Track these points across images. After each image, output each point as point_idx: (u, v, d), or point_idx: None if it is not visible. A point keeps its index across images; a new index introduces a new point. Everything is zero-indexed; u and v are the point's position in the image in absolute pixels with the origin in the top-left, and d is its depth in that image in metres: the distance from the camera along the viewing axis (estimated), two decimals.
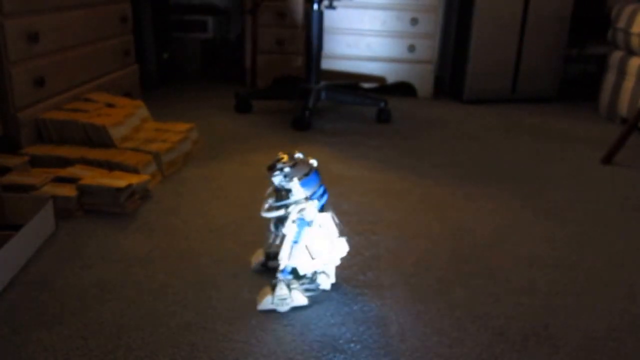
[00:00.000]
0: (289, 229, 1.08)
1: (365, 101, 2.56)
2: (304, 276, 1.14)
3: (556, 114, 2.70)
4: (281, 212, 1.09)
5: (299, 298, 1.10)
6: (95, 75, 2.12)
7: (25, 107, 1.70)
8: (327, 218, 1.10)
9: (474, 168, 1.91)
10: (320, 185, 1.11)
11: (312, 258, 1.09)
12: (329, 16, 2.81)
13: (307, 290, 1.14)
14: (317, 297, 1.13)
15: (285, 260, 1.09)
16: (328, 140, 2.16)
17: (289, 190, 1.09)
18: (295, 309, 1.10)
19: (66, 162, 1.63)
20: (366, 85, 2.93)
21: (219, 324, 1.04)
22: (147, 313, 1.06)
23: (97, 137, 1.72)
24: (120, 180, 1.48)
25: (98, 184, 1.46)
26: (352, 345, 1.00)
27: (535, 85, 2.91)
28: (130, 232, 1.38)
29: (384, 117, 2.46)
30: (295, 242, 1.08)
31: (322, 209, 1.11)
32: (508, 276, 1.24)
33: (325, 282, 1.15)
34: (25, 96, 1.70)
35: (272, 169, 1.08)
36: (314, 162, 1.11)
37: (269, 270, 1.21)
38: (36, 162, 1.63)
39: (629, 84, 2.43)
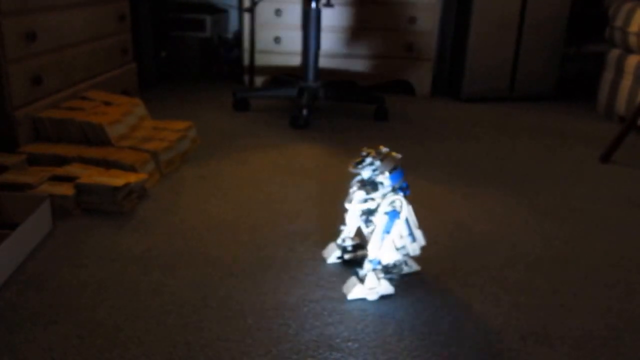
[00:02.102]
0: (380, 220, 1.12)
1: (363, 99, 2.56)
2: (386, 266, 1.17)
3: (554, 113, 2.70)
4: (371, 205, 1.14)
5: (387, 287, 1.14)
6: (92, 74, 2.12)
7: (22, 106, 1.70)
8: (411, 210, 1.15)
9: (472, 166, 1.91)
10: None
11: (397, 249, 1.15)
12: (327, 14, 2.80)
13: (391, 279, 1.17)
14: (315, 296, 1.13)
15: (375, 251, 1.13)
16: (326, 138, 2.16)
17: (375, 184, 1.14)
18: (295, 308, 1.10)
19: (63, 161, 1.62)
20: (364, 83, 2.93)
21: (215, 323, 1.04)
22: (143, 312, 1.06)
23: (95, 136, 1.72)
24: (118, 179, 1.48)
25: (95, 183, 1.46)
26: (349, 344, 1.00)
27: (533, 84, 2.90)
28: (128, 230, 1.38)
29: (381, 115, 2.46)
30: (387, 232, 1.12)
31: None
32: (506, 275, 1.24)
33: (407, 270, 1.21)
34: (22, 94, 1.69)
35: (360, 163, 1.14)
36: (398, 156, 1.15)
37: (345, 264, 1.25)
38: (33, 160, 1.63)
39: (626, 82, 2.44)
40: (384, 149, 1.16)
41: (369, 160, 1.14)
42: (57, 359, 0.93)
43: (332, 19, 2.82)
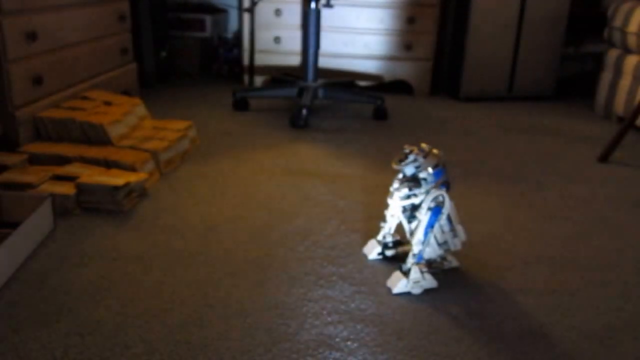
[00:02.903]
0: (424, 215, 1.15)
1: (362, 99, 2.56)
2: (428, 260, 1.20)
3: (553, 113, 2.70)
4: (415, 200, 1.18)
5: (431, 281, 1.17)
6: (93, 74, 2.13)
7: (23, 106, 1.71)
8: (453, 206, 1.17)
9: (470, 166, 1.92)
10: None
11: (438, 244, 1.18)
12: (326, 14, 2.81)
13: (434, 274, 1.19)
14: (314, 296, 1.14)
15: (419, 245, 1.16)
16: (325, 138, 2.17)
17: (419, 180, 1.17)
18: (294, 307, 1.10)
19: (64, 160, 1.63)
20: (363, 83, 2.94)
21: (215, 322, 1.04)
22: (144, 311, 1.07)
23: (95, 135, 1.72)
24: (118, 179, 1.48)
25: (96, 182, 1.46)
26: (348, 343, 1.01)
27: (531, 84, 2.91)
28: (128, 230, 1.39)
29: (380, 115, 2.46)
30: (431, 227, 1.15)
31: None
32: (504, 274, 1.25)
33: (447, 266, 1.23)
34: (23, 94, 1.70)
35: (403, 160, 1.16)
36: (441, 153, 1.18)
37: (386, 259, 1.28)
38: (34, 160, 1.63)
39: (625, 82, 2.44)
40: (426, 146, 1.18)
41: (412, 157, 1.16)
42: (58, 358, 0.94)
43: (332, 19, 2.83)
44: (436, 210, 1.15)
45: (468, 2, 2.75)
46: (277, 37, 2.88)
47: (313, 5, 2.38)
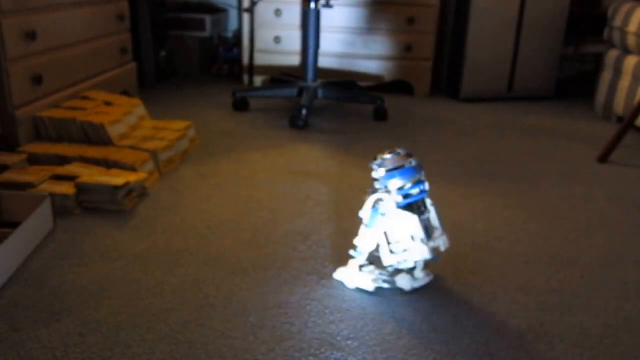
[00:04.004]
0: (364, 212, 1.15)
1: (362, 99, 2.56)
2: (388, 268, 1.17)
3: (552, 113, 2.70)
4: (369, 199, 1.15)
5: (365, 283, 1.16)
6: (93, 74, 2.12)
7: (23, 105, 1.70)
8: (408, 218, 1.11)
9: (470, 166, 1.92)
10: (416, 184, 1.12)
11: (392, 252, 1.14)
12: (326, 14, 2.81)
13: (385, 282, 1.17)
14: (316, 295, 1.14)
15: (357, 239, 1.17)
16: (325, 138, 2.17)
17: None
18: (297, 306, 1.10)
19: (64, 160, 1.63)
20: (363, 83, 2.94)
21: (217, 322, 1.04)
22: (145, 311, 1.07)
23: (95, 135, 1.72)
24: (118, 178, 1.48)
25: (96, 182, 1.46)
26: (349, 342, 1.01)
27: (531, 84, 2.91)
28: (128, 229, 1.39)
29: (380, 115, 2.46)
30: (367, 226, 1.14)
31: (409, 207, 1.13)
32: (504, 274, 1.25)
33: (405, 282, 1.16)
34: (23, 94, 1.70)
35: (375, 159, 1.15)
36: (412, 161, 1.13)
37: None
38: (34, 160, 1.63)
39: (625, 82, 2.44)
40: (399, 150, 1.16)
41: (378, 160, 1.13)
42: (59, 357, 0.94)
43: (332, 19, 2.83)
44: (374, 212, 1.13)
45: (468, 2, 2.75)
46: (277, 37, 2.88)
47: (313, 5, 2.38)
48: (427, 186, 1.15)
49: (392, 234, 1.13)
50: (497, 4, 2.74)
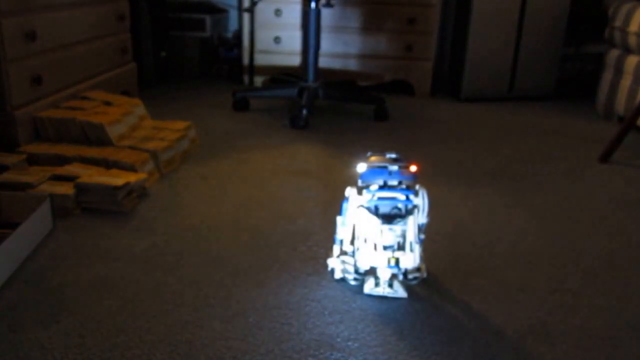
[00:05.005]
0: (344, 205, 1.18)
1: (363, 99, 2.56)
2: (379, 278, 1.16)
3: (553, 113, 2.70)
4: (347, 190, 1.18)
5: (336, 271, 1.19)
6: (92, 74, 2.12)
7: (22, 106, 1.70)
8: (365, 219, 1.10)
9: (471, 166, 1.92)
10: (384, 188, 1.12)
11: (351, 245, 1.17)
12: (327, 14, 2.80)
13: (349, 274, 1.18)
14: (316, 296, 1.14)
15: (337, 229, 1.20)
16: (326, 138, 2.16)
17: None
18: (296, 307, 1.10)
19: (63, 160, 1.63)
20: (364, 83, 2.93)
21: (216, 323, 1.04)
22: (144, 311, 1.07)
23: (95, 135, 1.72)
24: (118, 179, 1.48)
25: (95, 182, 1.46)
26: (349, 343, 1.00)
27: (532, 84, 2.91)
28: (128, 230, 1.38)
29: (381, 115, 2.46)
30: (340, 214, 1.18)
31: (379, 211, 1.12)
32: (505, 274, 1.24)
33: (367, 284, 1.17)
34: (22, 94, 1.70)
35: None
36: (388, 165, 1.14)
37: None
38: (33, 160, 1.63)
39: (626, 82, 2.44)
40: (390, 154, 1.17)
41: (367, 155, 1.17)
42: (58, 358, 0.93)
43: (332, 19, 2.82)
44: (345, 201, 1.16)
45: (468, 2, 2.74)
46: (277, 37, 2.88)
47: (313, 5, 2.38)
48: (413, 198, 1.11)
49: (357, 230, 1.14)
50: (498, 3, 2.73)
